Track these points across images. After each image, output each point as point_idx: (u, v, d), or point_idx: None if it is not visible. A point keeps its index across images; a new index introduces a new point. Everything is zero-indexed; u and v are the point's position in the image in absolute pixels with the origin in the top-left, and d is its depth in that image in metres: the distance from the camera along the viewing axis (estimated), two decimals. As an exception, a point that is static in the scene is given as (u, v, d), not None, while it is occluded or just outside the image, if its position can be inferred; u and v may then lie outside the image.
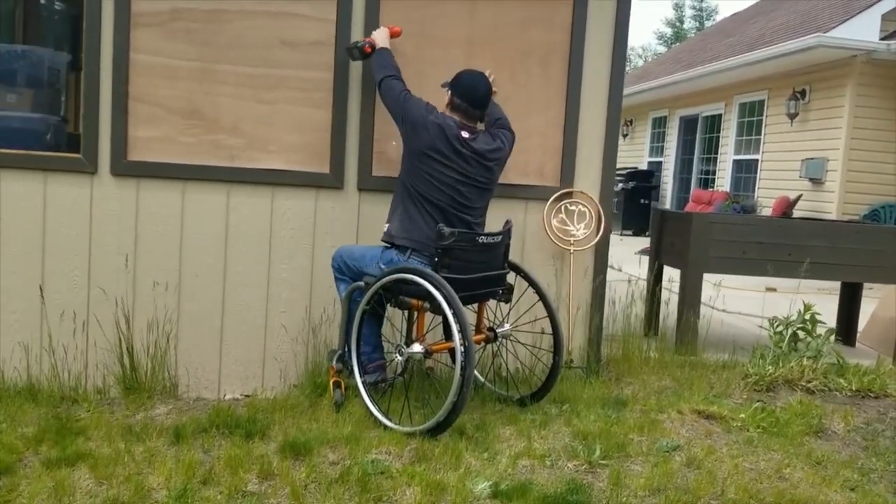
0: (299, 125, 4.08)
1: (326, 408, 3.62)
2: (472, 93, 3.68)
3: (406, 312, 3.75)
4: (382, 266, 3.62)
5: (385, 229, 3.70)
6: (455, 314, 3.28)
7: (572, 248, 4.33)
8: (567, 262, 4.35)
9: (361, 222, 4.12)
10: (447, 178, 3.57)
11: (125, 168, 3.94)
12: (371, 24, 4.02)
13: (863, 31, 9.82)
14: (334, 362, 3.76)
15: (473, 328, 3.69)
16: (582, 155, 4.38)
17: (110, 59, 3.89)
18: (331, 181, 4.10)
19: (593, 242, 4.39)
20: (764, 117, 12.14)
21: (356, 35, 4.03)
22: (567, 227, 4.34)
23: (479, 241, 3.58)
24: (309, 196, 4.09)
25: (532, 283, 3.85)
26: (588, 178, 4.40)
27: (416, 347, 3.47)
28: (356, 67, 4.06)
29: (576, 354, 4.37)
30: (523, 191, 4.33)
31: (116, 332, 3.92)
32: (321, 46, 4.05)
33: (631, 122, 17.34)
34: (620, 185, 14.42)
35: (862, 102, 10.04)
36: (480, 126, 3.80)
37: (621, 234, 14.00)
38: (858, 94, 10.04)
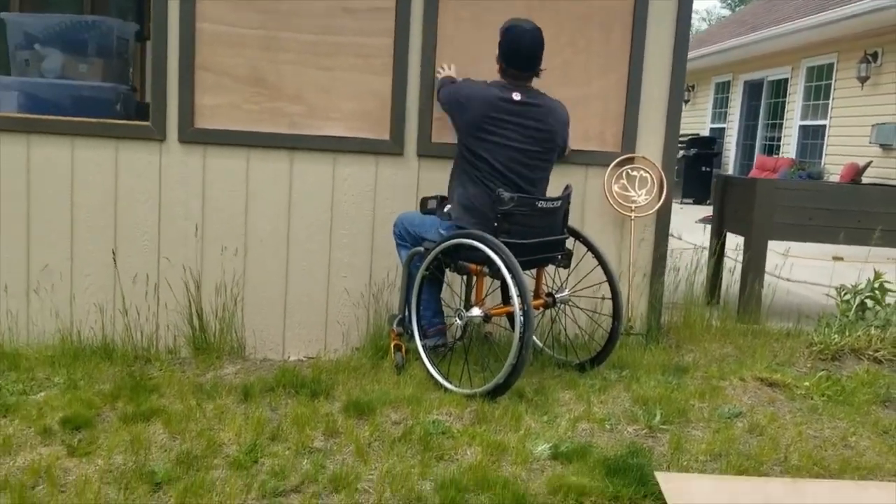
0: (360, 92, 4.11)
1: (388, 370, 3.69)
2: (515, 54, 3.63)
3: (465, 277, 3.78)
4: (442, 232, 3.65)
5: (446, 208, 3.73)
6: (514, 278, 3.29)
7: (633, 215, 4.29)
8: (628, 228, 4.32)
9: (421, 188, 4.15)
10: (503, 141, 3.56)
11: (192, 135, 4.04)
12: (431, -12, 4.01)
13: (941, -12, 9.36)
14: (395, 326, 3.83)
15: (532, 293, 3.71)
16: (644, 120, 4.31)
17: (177, 29, 3.97)
18: (391, 147, 4.13)
19: (655, 209, 4.33)
20: (833, 81, 11.71)
21: (416, 1, 4.02)
22: (628, 193, 4.30)
23: (539, 205, 3.57)
24: (369, 162, 4.14)
25: (591, 249, 3.83)
26: (650, 143, 4.34)
27: (476, 311, 3.50)
28: (416, 34, 4.06)
29: (636, 321, 4.35)
30: (583, 156, 4.29)
31: (186, 294, 4.05)
32: (381, 12, 4.06)
33: (693, 87, 16.94)
34: (681, 151, 14.12)
35: (939, 64, 9.61)
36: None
37: (681, 203, 13.74)
38: (935, 56, 9.61)
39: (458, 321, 3.54)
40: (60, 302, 4.06)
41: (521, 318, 3.26)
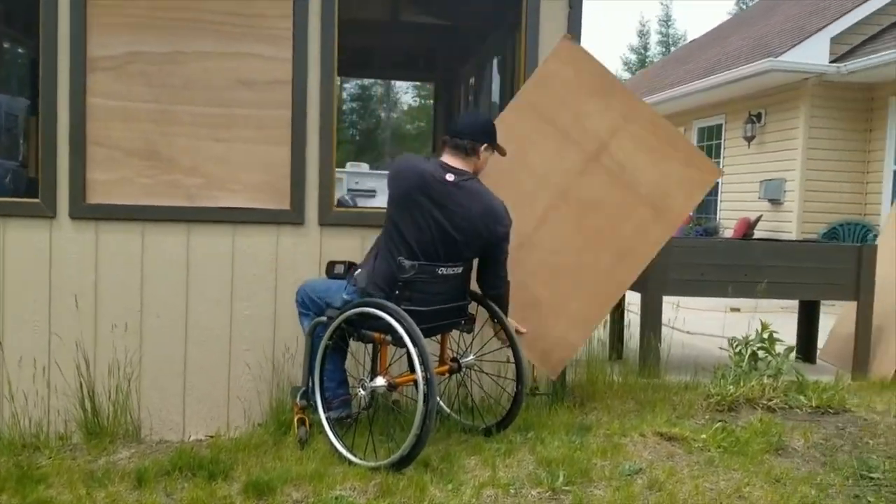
0: (258, 163, 4.11)
1: (291, 446, 3.61)
2: (459, 122, 3.83)
3: (370, 346, 3.76)
4: (346, 297, 3.63)
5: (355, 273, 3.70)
6: (416, 346, 3.30)
7: (533, 277, 4.38)
8: (529, 290, 4.40)
9: (323, 257, 4.14)
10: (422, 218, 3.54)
11: (84, 211, 3.94)
12: (327, 60, 4.08)
13: (813, 54, 10.10)
14: (298, 399, 3.75)
15: (437, 360, 3.71)
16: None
17: (67, 104, 3.90)
18: (291, 217, 4.12)
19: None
20: (722, 141, 12.40)
21: (313, 71, 4.08)
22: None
23: (440, 272, 3.61)
24: (270, 233, 4.11)
25: (493, 313, 3.88)
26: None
27: (380, 381, 3.48)
28: (314, 104, 4.11)
29: (541, 381, 4.40)
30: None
31: (77, 376, 3.89)
32: (279, 85, 4.10)
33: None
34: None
35: (816, 123, 10.31)
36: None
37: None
38: (812, 116, 10.31)
39: (362, 391, 3.51)
40: (-61, 390, 3.83)
41: (424, 387, 3.26)
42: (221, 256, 4.07)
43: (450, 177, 3.56)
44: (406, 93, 25.59)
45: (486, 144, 3.69)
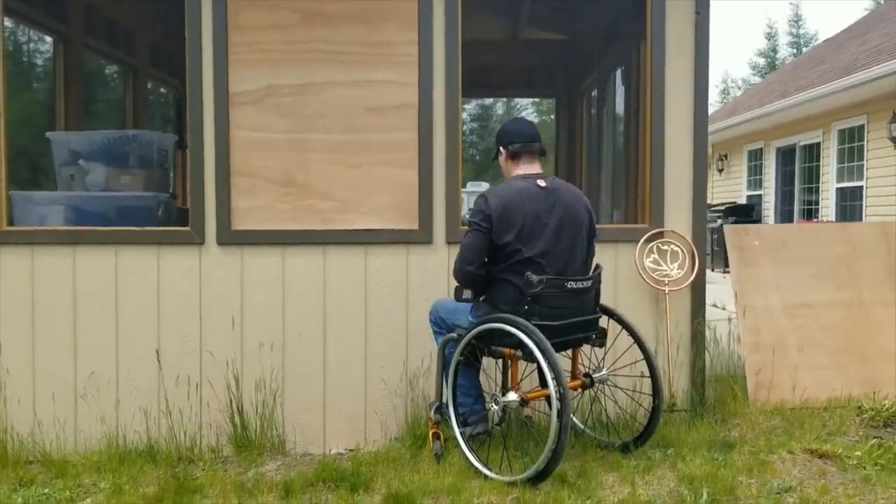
0: (388, 185, 4.25)
1: (427, 459, 3.67)
2: (520, 130, 3.79)
3: (500, 361, 3.78)
4: (471, 319, 3.68)
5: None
6: (548, 361, 3.29)
7: (667, 289, 4.28)
8: (663, 303, 4.30)
9: (452, 275, 4.21)
10: (535, 230, 3.59)
11: (230, 237, 4.19)
12: (451, 82, 4.17)
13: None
14: (433, 413, 3.82)
15: (569, 374, 3.68)
16: (670, 194, 4.35)
17: (212, 138, 4.17)
18: (420, 237, 4.22)
19: (689, 281, 4.32)
20: (865, 143, 11.65)
21: (438, 94, 4.18)
22: (660, 268, 4.30)
23: (569, 286, 3.60)
24: (400, 252, 4.23)
25: (625, 326, 3.82)
26: (679, 217, 4.36)
27: (512, 396, 3.49)
28: (440, 126, 4.20)
29: (679, 397, 4.28)
30: (612, 233, 4.34)
31: (227, 392, 4.12)
32: (405, 109, 4.22)
33: (726, 156, 16.96)
34: (719, 221, 14.05)
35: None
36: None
37: (724, 272, 13.57)
38: (967, 110, 9.54)
39: (495, 406, 3.53)
40: (106, 407, 4.15)
41: (558, 401, 3.24)
42: (355, 276, 4.21)
43: (542, 182, 3.65)
44: (525, 109, 25.65)
45: None
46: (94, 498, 3.41)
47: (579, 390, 3.86)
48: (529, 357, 3.42)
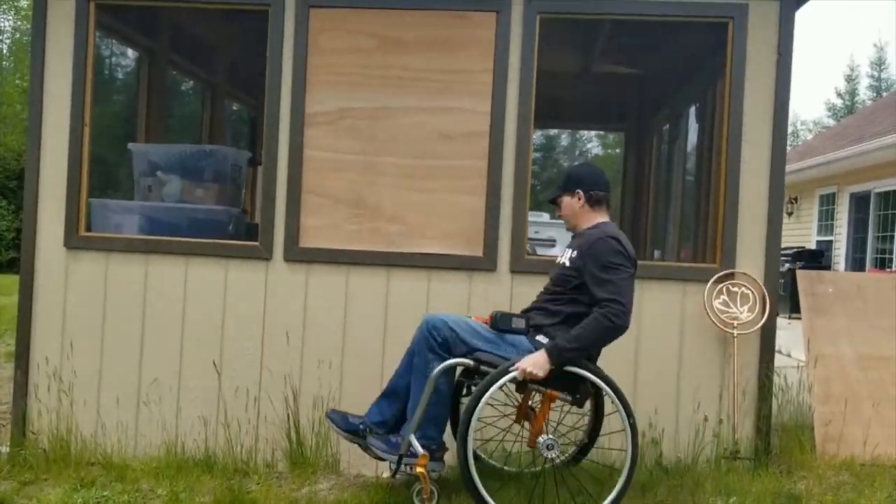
0: (454, 211, 4.25)
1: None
2: (603, 177, 3.63)
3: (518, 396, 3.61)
4: (514, 351, 3.40)
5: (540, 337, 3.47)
6: (620, 400, 3.28)
7: (736, 332, 4.16)
8: (731, 346, 4.18)
9: (514, 303, 4.17)
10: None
11: (297, 254, 4.25)
12: (524, 112, 4.17)
13: None
14: (419, 448, 3.40)
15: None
16: (743, 236, 4.24)
17: (286, 156, 4.26)
18: (484, 264, 4.21)
19: (759, 325, 4.19)
20: (947, 191, 11.23)
21: (510, 123, 4.18)
22: (729, 310, 4.19)
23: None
24: (463, 279, 4.22)
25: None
26: (751, 259, 4.25)
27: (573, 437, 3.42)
28: (510, 155, 4.20)
29: (743, 444, 4.14)
30: (681, 272, 4.26)
31: (284, 407, 4.15)
32: (476, 136, 4.24)
33: (796, 199, 16.55)
34: (787, 265, 13.67)
35: None
36: None
37: (790, 318, 13.16)
38: None
39: (547, 451, 3.31)
40: (167, 414, 4.23)
41: (631, 438, 3.25)
42: (417, 300, 4.21)
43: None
44: (590, 142, 25.49)
45: None
46: (151, 504, 3.46)
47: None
48: (579, 402, 3.41)
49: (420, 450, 3.34)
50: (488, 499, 3.25)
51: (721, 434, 4.10)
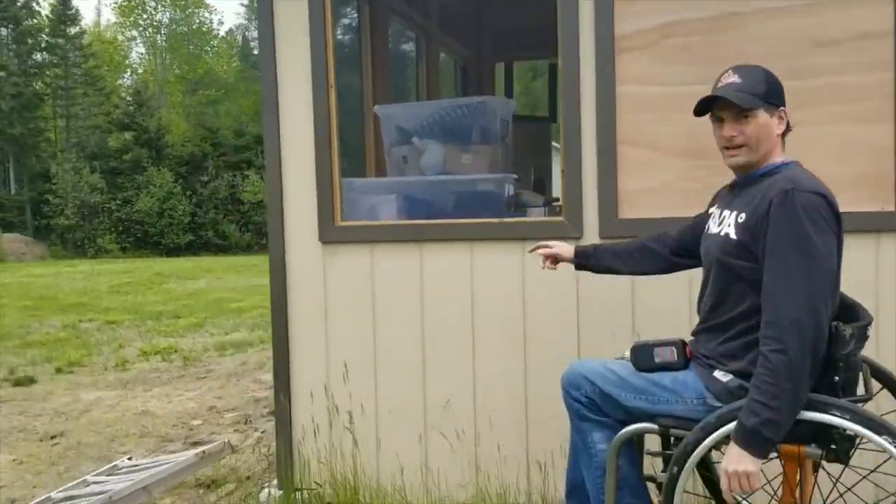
0: (846, 150, 3.00)
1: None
2: None
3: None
4: (695, 404, 2.23)
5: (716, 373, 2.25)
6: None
7: None
8: None
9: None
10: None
11: (615, 228, 3.17)
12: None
13: None
14: None
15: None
16: None
17: (592, 97, 3.16)
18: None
19: None
20: None
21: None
22: None
23: (868, 332, 2.16)
24: (868, 243, 2.96)
25: None
26: None
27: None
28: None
29: None
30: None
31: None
32: (870, 39, 2.94)
33: None
34: None
35: None
36: None
37: None
38: None
39: None
40: (467, 445, 3.31)
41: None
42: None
43: None
44: None
45: None
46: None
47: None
48: (842, 457, 2.07)
49: None
50: None
51: None
